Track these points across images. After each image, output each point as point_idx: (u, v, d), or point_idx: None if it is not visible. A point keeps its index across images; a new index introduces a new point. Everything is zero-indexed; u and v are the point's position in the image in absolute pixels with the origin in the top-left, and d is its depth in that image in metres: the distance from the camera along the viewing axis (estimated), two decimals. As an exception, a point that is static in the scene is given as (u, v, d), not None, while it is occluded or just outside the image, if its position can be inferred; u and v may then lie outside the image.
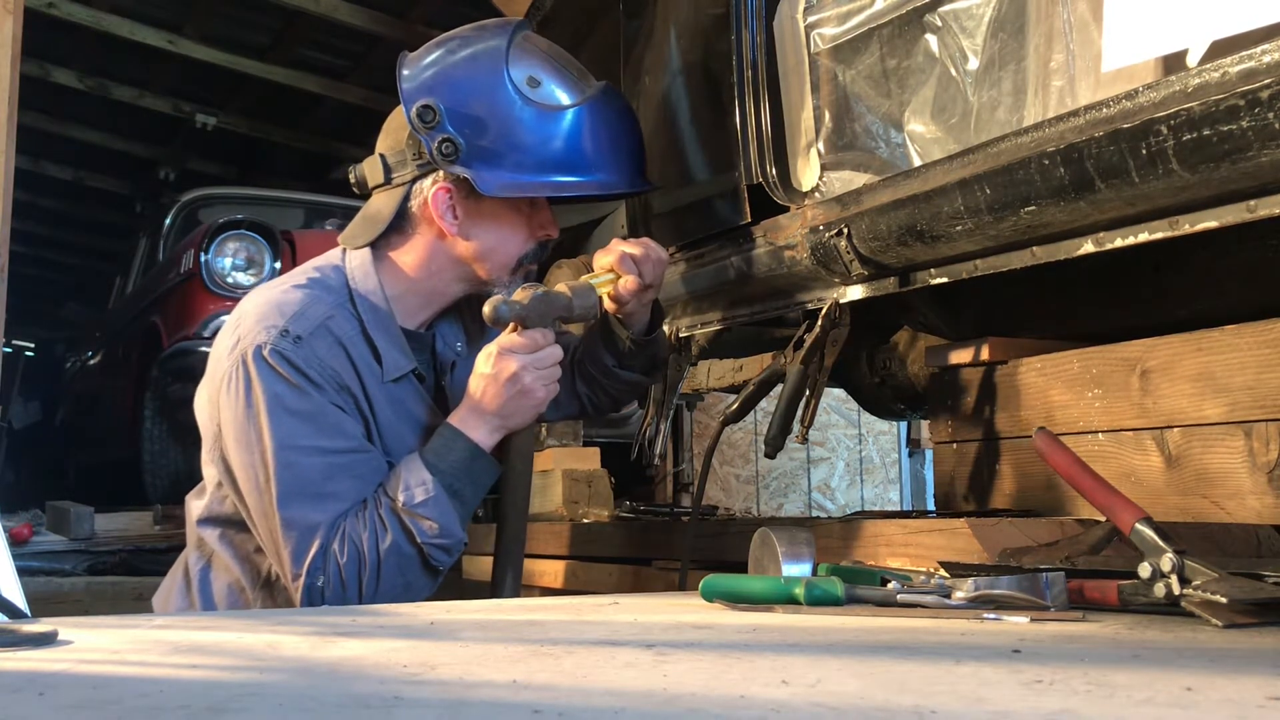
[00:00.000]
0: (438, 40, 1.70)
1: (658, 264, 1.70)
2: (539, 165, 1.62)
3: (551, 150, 1.62)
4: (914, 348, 2.31)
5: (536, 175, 1.62)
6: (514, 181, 1.61)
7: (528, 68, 1.63)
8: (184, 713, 0.66)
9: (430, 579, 1.59)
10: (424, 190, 1.64)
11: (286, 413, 1.52)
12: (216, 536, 1.66)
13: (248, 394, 1.53)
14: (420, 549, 1.54)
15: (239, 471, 1.57)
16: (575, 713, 0.67)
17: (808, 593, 1.16)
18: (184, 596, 1.68)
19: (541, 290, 1.61)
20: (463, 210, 1.64)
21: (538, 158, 1.61)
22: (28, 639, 0.94)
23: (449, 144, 1.57)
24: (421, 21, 5.79)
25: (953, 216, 1.43)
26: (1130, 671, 0.79)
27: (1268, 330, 1.40)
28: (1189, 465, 1.47)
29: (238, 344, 1.56)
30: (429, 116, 1.58)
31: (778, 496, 5.65)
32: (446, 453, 1.58)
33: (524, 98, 1.61)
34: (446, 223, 1.63)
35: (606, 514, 2.71)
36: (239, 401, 1.54)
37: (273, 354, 1.53)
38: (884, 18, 1.57)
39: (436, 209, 1.63)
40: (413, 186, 1.65)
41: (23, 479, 8.47)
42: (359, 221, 1.70)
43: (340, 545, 1.51)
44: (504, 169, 1.60)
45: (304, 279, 1.64)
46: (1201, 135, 1.11)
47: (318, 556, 1.51)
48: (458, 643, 0.97)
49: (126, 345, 5.86)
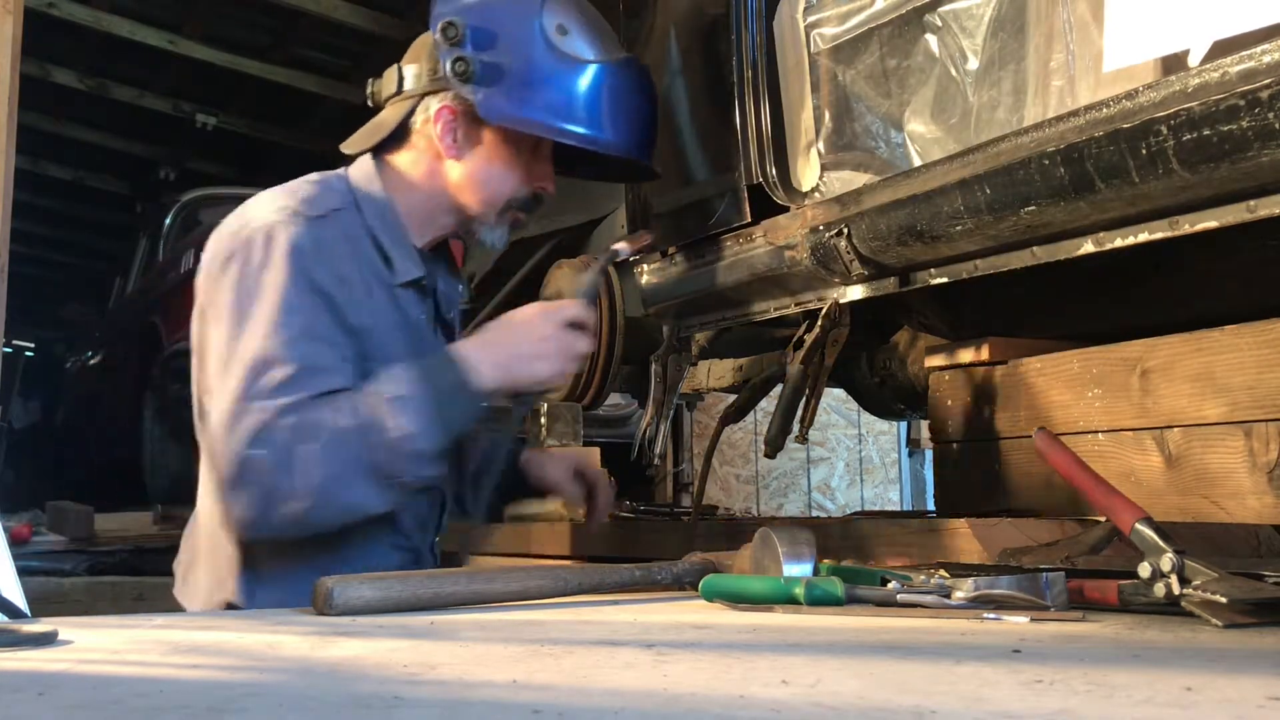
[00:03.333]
0: None
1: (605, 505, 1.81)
2: (547, 108, 1.60)
3: (562, 97, 1.61)
4: (914, 348, 2.31)
5: (542, 116, 1.60)
6: (517, 116, 1.59)
7: (561, 16, 1.63)
8: (184, 713, 0.66)
9: (384, 489, 1.44)
10: (430, 106, 1.63)
11: (279, 290, 1.44)
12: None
13: (246, 265, 1.46)
14: (387, 448, 1.41)
15: (204, 344, 1.48)
16: (575, 713, 0.67)
17: (808, 593, 1.16)
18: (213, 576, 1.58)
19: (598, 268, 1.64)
20: (463, 134, 1.63)
21: (547, 101, 1.60)
22: (28, 639, 0.94)
23: (463, 63, 1.57)
24: (421, 21, 5.75)
25: (953, 216, 1.43)
26: (1130, 671, 0.79)
27: (1268, 330, 1.40)
28: (1189, 465, 1.47)
29: (244, 226, 1.51)
30: (452, 33, 1.58)
31: (778, 496, 5.65)
32: (439, 372, 1.49)
33: (548, 42, 1.60)
34: (445, 143, 1.62)
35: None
36: (237, 272, 1.47)
37: (281, 228, 1.48)
38: (884, 18, 1.57)
39: (438, 126, 1.62)
40: (421, 101, 1.64)
41: (23, 479, 8.47)
42: (363, 130, 1.69)
43: (289, 419, 1.39)
44: (511, 103, 1.59)
45: (311, 179, 1.62)
46: (1201, 135, 1.11)
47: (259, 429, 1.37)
48: (458, 643, 0.97)
49: (126, 345, 5.86)
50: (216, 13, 6.33)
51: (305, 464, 1.39)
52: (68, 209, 9.42)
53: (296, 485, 1.39)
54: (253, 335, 1.43)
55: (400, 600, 1.19)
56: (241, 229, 1.51)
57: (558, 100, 1.60)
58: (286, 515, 1.40)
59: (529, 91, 1.59)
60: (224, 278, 1.49)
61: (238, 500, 1.41)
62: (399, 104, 1.66)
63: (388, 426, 1.41)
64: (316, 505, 1.41)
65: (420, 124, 1.64)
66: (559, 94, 1.60)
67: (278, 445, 1.39)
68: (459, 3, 1.62)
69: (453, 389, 1.48)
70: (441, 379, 1.48)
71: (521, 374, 1.53)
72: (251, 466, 1.39)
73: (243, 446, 1.39)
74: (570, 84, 1.61)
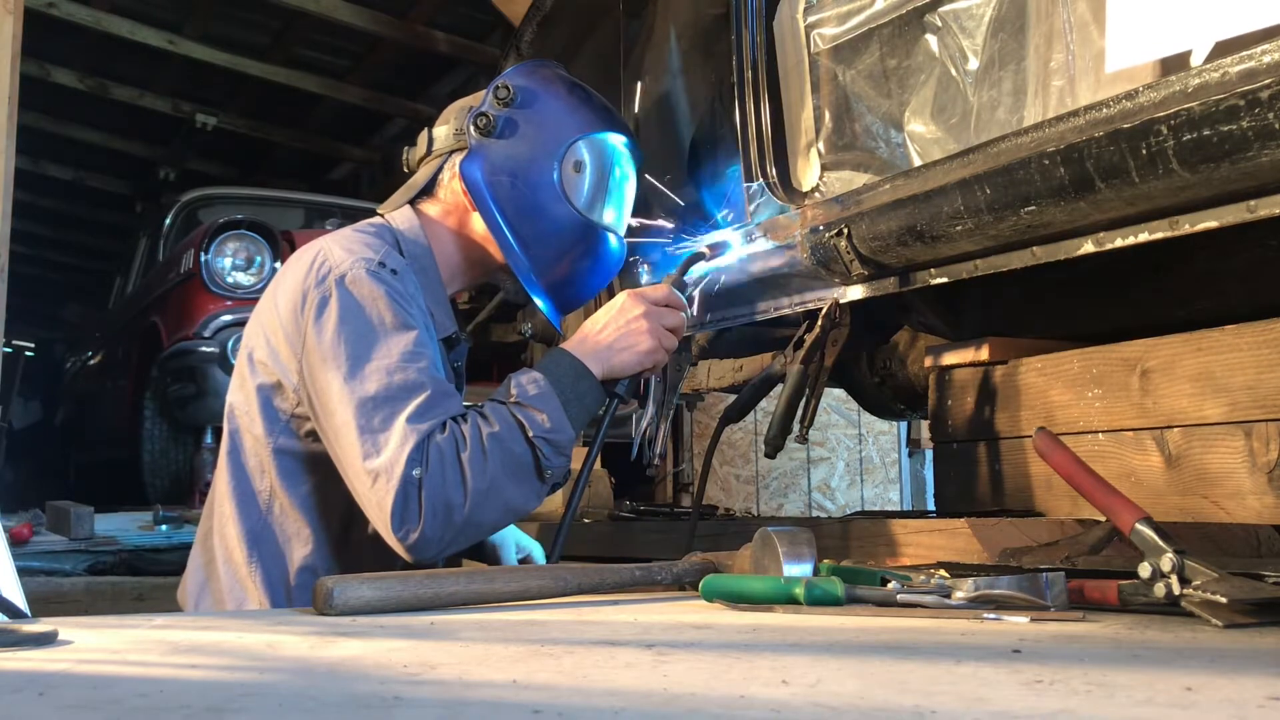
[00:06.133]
0: (578, 82, 1.75)
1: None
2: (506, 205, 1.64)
3: (525, 211, 1.65)
4: (914, 348, 2.31)
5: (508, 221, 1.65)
6: (477, 191, 1.64)
7: (591, 156, 1.69)
8: (184, 713, 0.66)
9: (537, 485, 1.49)
10: (455, 161, 1.68)
11: (391, 328, 1.48)
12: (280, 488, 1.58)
13: (346, 311, 1.49)
14: (532, 445, 1.46)
15: (326, 391, 1.48)
16: (575, 713, 0.67)
17: (808, 593, 1.16)
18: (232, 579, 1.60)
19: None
20: None
21: (514, 202, 1.64)
22: (28, 639, 0.94)
23: (485, 119, 1.64)
24: (421, 21, 5.79)
25: (953, 216, 1.43)
26: (1130, 671, 0.79)
27: (1268, 330, 1.40)
28: (1189, 465, 1.47)
29: (328, 274, 1.52)
30: (504, 95, 1.65)
31: (778, 496, 5.65)
32: (554, 366, 1.55)
33: (559, 165, 1.66)
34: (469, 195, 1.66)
35: (606, 513, 2.71)
36: (333, 319, 1.49)
37: (371, 276, 1.51)
38: (884, 18, 1.57)
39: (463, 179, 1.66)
40: (449, 158, 1.69)
41: (23, 479, 8.47)
42: (399, 192, 1.74)
43: (441, 435, 1.42)
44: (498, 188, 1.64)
45: (367, 230, 1.64)
46: (1201, 135, 1.11)
47: (415, 450, 1.40)
48: (458, 643, 0.97)
49: (126, 345, 5.86)
50: (216, 13, 6.34)
51: (468, 471, 1.41)
52: (68, 209, 9.43)
53: (465, 493, 1.41)
54: (379, 370, 1.45)
55: (400, 600, 1.19)
56: (325, 276, 1.53)
57: (528, 220, 1.65)
58: (458, 524, 1.42)
59: (516, 191, 1.64)
60: (317, 321, 1.50)
61: (411, 524, 1.40)
62: (430, 163, 1.73)
63: (533, 423, 1.47)
64: (481, 508, 1.43)
65: (448, 179, 1.70)
66: (533, 215, 1.65)
67: (438, 460, 1.40)
68: (527, 78, 1.69)
69: (574, 384, 1.54)
70: (560, 377, 1.53)
71: (621, 359, 1.58)
72: (418, 486, 1.40)
73: (405, 469, 1.39)
74: (539, 209, 1.65)
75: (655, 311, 1.60)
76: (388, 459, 1.40)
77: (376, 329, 1.48)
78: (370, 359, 1.46)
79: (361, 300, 1.50)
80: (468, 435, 1.43)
